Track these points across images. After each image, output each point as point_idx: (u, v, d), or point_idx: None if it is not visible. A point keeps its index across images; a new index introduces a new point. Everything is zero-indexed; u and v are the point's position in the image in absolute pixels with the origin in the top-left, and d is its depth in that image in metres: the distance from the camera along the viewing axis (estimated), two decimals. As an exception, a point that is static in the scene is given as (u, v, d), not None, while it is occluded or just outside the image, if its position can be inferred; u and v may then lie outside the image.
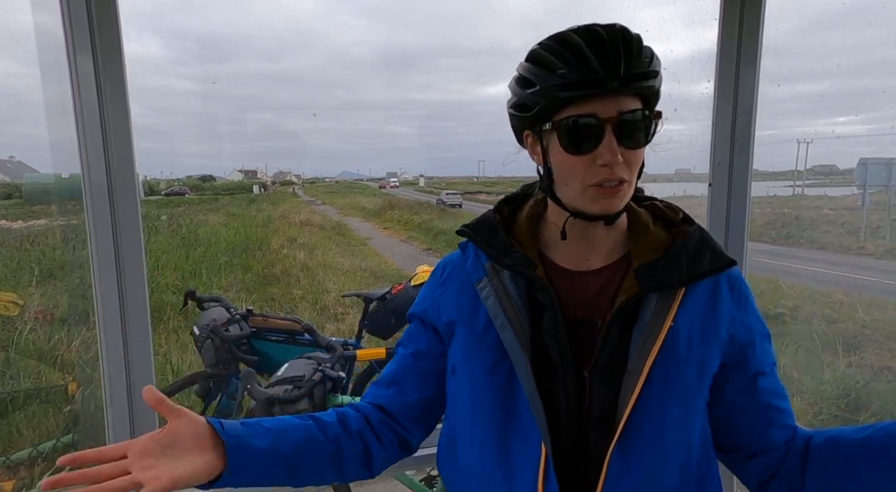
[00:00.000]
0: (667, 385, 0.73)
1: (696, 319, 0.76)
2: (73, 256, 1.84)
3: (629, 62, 0.70)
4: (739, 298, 0.79)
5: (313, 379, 1.95)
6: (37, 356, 3.42)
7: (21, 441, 2.49)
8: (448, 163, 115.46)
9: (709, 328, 0.76)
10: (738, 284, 0.80)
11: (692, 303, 0.76)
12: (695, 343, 0.75)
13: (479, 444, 0.78)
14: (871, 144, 22.85)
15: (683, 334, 0.74)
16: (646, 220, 0.82)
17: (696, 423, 0.75)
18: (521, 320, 0.76)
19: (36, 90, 1.13)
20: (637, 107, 0.72)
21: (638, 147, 0.74)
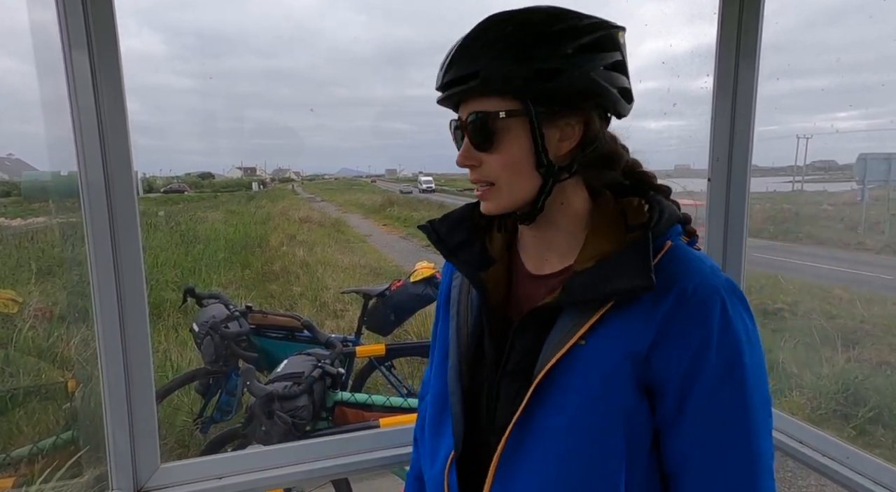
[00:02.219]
0: (560, 402, 0.67)
1: (614, 341, 0.65)
2: (71, 254, 1.84)
3: (450, 67, 0.68)
4: (682, 319, 0.63)
5: (313, 376, 1.95)
6: (36, 354, 3.43)
7: (21, 438, 2.49)
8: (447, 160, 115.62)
9: (627, 352, 0.64)
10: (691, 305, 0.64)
11: (617, 322, 0.65)
12: (604, 366, 0.65)
13: (428, 419, 0.85)
14: (871, 140, 22.85)
15: (592, 354, 0.65)
16: (605, 221, 0.72)
17: (608, 461, 0.65)
18: (468, 316, 0.78)
19: (32, 87, 1.12)
20: (484, 109, 0.67)
21: (491, 150, 0.69)
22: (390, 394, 2.73)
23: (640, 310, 0.65)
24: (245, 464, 1.19)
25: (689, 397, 0.64)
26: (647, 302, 0.64)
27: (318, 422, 2.08)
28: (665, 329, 0.63)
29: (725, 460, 0.64)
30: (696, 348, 0.63)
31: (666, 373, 0.64)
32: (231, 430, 2.34)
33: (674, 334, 0.63)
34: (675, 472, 0.67)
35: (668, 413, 0.65)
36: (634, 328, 0.64)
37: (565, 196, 0.72)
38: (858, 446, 1.15)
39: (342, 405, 2.13)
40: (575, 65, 0.65)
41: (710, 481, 0.65)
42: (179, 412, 3.37)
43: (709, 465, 0.65)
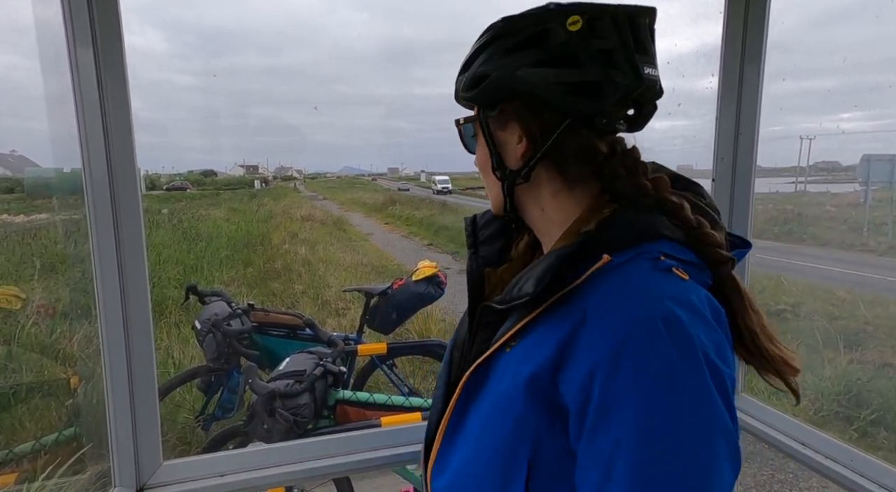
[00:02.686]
0: (473, 410, 0.67)
1: (524, 353, 0.62)
2: (74, 251, 1.86)
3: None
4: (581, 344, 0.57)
5: (314, 374, 1.95)
6: (39, 350, 3.44)
7: (24, 434, 2.50)
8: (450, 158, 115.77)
9: (526, 368, 0.60)
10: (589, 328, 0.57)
11: (535, 336, 0.62)
12: (508, 379, 0.62)
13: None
14: (876, 141, 22.75)
15: (507, 363, 0.64)
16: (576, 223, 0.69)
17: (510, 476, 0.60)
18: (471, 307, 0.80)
19: (37, 84, 1.12)
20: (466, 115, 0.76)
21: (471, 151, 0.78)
22: (392, 393, 2.74)
23: (552, 325, 0.60)
24: (247, 462, 1.19)
25: (580, 436, 0.56)
26: (560, 318, 0.60)
27: (319, 420, 2.09)
28: (564, 351, 0.58)
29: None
30: (584, 380, 0.55)
31: (567, 399, 0.57)
32: (233, 427, 2.34)
33: (571, 359, 0.57)
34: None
35: (572, 440, 0.58)
36: (543, 343, 0.60)
37: (543, 202, 0.71)
38: (861, 447, 1.14)
39: (344, 404, 2.13)
40: (500, 66, 0.66)
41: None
42: (181, 410, 3.38)
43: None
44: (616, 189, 0.67)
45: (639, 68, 0.63)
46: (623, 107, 0.68)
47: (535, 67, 0.64)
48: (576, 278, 0.60)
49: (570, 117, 0.66)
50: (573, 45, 0.63)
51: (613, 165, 0.67)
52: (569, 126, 0.66)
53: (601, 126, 0.67)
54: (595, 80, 0.63)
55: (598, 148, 0.67)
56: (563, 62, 0.64)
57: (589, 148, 0.67)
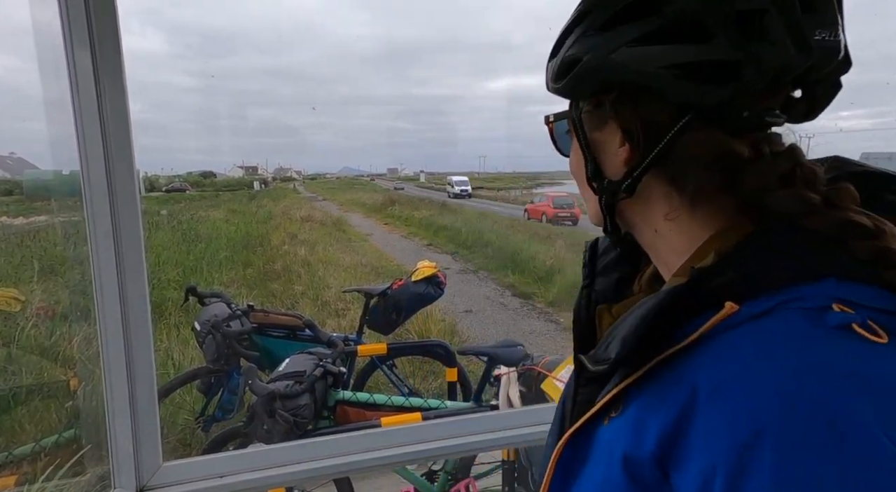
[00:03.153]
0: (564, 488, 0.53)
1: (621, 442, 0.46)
2: (73, 253, 1.85)
3: None
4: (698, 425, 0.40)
5: (314, 375, 1.95)
6: (38, 352, 3.44)
7: (23, 436, 2.49)
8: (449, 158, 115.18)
9: (630, 465, 0.44)
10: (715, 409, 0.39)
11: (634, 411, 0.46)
12: (609, 474, 0.46)
13: None
14: (875, 139, 22.73)
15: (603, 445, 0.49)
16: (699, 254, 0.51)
17: None
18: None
19: (35, 86, 1.12)
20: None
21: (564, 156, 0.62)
22: (392, 393, 2.74)
23: (654, 397, 0.44)
24: (247, 463, 1.19)
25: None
26: (664, 389, 0.44)
27: (319, 421, 2.09)
28: (674, 437, 0.41)
29: None
30: (703, 482, 0.38)
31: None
32: (233, 429, 2.34)
33: (684, 449, 0.40)
34: None
35: None
36: (644, 420, 0.44)
37: (655, 222, 0.54)
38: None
39: (344, 404, 2.13)
40: (592, 47, 0.50)
41: None
42: (181, 411, 3.38)
43: None
44: (765, 206, 0.47)
45: (804, 35, 0.44)
46: (777, 91, 0.49)
47: (637, 46, 0.48)
48: (685, 335, 0.43)
49: (692, 111, 0.48)
50: (695, 9, 0.46)
51: (759, 172, 0.47)
52: (688, 123, 0.48)
53: (740, 121, 0.48)
54: (729, 59, 0.45)
55: (733, 151, 0.48)
56: (680, 36, 0.46)
57: (719, 152, 0.48)
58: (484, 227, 14.63)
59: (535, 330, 6.38)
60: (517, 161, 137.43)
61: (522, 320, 6.82)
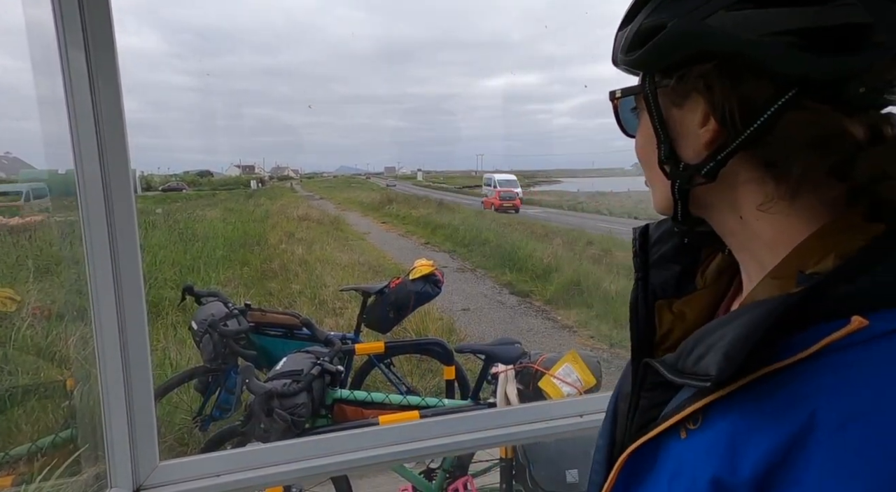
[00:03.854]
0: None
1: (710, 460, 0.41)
2: (69, 252, 1.84)
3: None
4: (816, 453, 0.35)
5: (312, 373, 1.95)
6: (34, 352, 3.42)
7: (20, 437, 2.49)
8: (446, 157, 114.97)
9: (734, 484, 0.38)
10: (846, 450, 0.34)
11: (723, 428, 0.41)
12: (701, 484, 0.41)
13: None
14: (869, 136, 22.89)
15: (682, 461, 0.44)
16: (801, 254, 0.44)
17: None
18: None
19: (29, 85, 1.12)
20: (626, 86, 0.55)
21: (630, 135, 0.57)
22: (389, 391, 2.74)
23: (755, 417, 0.39)
24: (244, 462, 1.19)
25: None
26: (769, 408, 0.39)
27: (317, 419, 2.09)
28: (780, 465, 0.36)
29: None
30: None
31: None
32: (230, 428, 2.34)
33: (792, 479, 0.36)
34: None
35: None
36: (740, 441, 0.39)
37: (741, 207, 0.47)
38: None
39: (341, 403, 2.13)
40: (680, 12, 0.44)
41: None
42: (178, 410, 3.38)
43: None
44: (882, 199, 0.41)
45: None
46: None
47: (739, 9, 0.41)
48: (794, 349, 0.38)
49: (797, 86, 0.41)
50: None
51: (878, 157, 0.41)
52: (792, 99, 0.42)
53: (856, 98, 0.42)
54: (854, 22, 0.39)
55: (847, 132, 0.42)
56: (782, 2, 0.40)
57: (830, 133, 0.42)
58: (481, 225, 14.64)
59: (532, 328, 6.39)
60: (515, 160, 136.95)
61: (520, 318, 6.83)
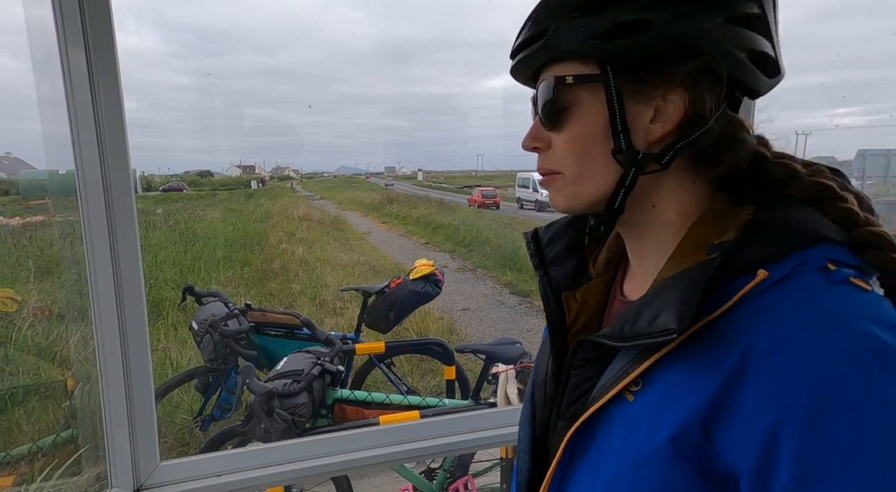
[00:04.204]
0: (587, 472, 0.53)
1: (664, 414, 0.47)
2: (70, 252, 1.84)
3: (521, 30, 0.56)
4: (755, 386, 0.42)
5: (312, 373, 1.95)
6: (35, 352, 3.42)
7: (21, 437, 2.49)
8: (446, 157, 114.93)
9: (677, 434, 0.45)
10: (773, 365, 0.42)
11: (671, 383, 0.47)
12: (651, 446, 0.47)
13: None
14: (870, 136, 22.90)
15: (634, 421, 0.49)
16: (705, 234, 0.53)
17: None
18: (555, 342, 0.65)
19: (29, 85, 1.12)
20: (556, 73, 0.54)
21: (555, 129, 0.55)
22: (390, 391, 2.74)
23: (693, 366, 0.46)
24: (245, 461, 1.19)
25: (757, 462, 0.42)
26: (704, 357, 0.46)
27: (317, 419, 2.09)
28: (722, 402, 0.44)
29: None
30: (767, 436, 0.41)
31: (733, 461, 0.44)
32: (231, 427, 2.34)
33: (736, 412, 0.43)
34: None
35: None
36: (686, 391, 0.46)
37: (656, 196, 0.55)
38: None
39: (342, 403, 2.13)
40: (675, 13, 0.48)
41: None
42: (179, 410, 3.38)
43: None
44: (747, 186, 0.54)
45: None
46: None
47: (728, 24, 0.49)
48: (720, 302, 0.46)
49: (735, 94, 0.55)
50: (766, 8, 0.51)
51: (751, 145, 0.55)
52: (729, 105, 0.54)
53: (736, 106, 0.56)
54: (772, 53, 0.52)
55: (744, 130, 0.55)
56: (757, 27, 0.51)
57: (737, 137, 0.54)
58: (481, 225, 14.64)
59: (532, 328, 6.39)
60: (514, 160, 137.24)
61: (520, 318, 6.83)
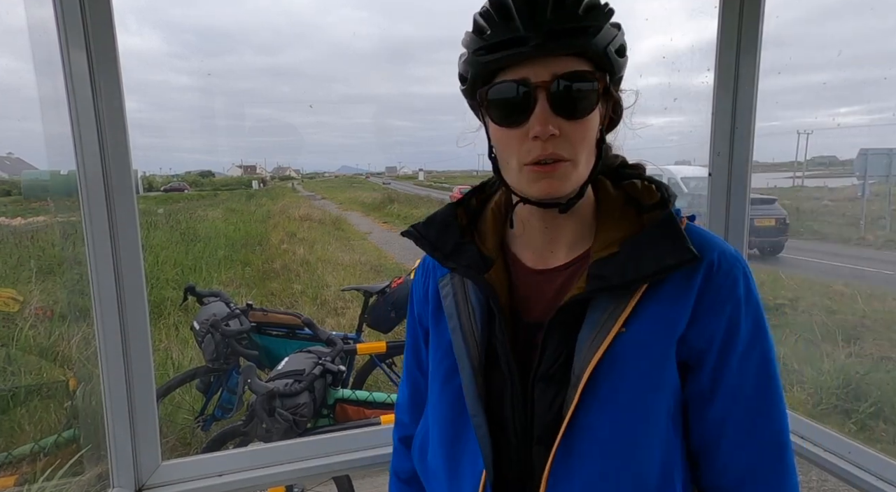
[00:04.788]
0: (612, 398, 0.63)
1: (657, 323, 0.64)
2: (71, 253, 1.85)
3: (556, 15, 0.60)
4: (713, 292, 0.64)
5: (314, 373, 1.95)
6: (37, 352, 3.43)
7: (23, 437, 2.49)
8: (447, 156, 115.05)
9: (670, 332, 0.64)
10: (718, 279, 0.64)
11: (654, 304, 0.64)
12: (652, 352, 0.64)
13: (437, 447, 0.76)
14: (872, 135, 22.79)
15: (636, 341, 0.63)
16: (614, 205, 0.71)
17: (654, 443, 0.64)
18: (473, 325, 0.70)
19: (31, 85, 1.12)
20: (581, 68, 0.62)
21: (580, 118, 0.63)
22: (391, 391, 2.73)
23: (674, 289, 0.64)
24: (246, 461, 1.19)
25: (723, 367, 0.65)
26: (679, 280, 0.64)
27: (319, 419, 2.09)
28: (699, 304, 0.64)
29: (758, 422, 0.66)
30: (729, 320, 0.64)
31: (702, 348, 0.65)
32: (232, 427, 2.34)
33: (707, 309, 0.64)
34: (708, 442, 0.68)
35: (703, 387, 0.66)
36: (672, 308, 0.64)
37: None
38: (859, 440, 1.15)
39: (343, 403, 2.13)
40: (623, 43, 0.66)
41: (747, 443, 0.66)
42: (181, 410, 3.38)
43: (744, 428, 0.66)
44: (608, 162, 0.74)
45: None
46: None
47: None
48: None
49: None
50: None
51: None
52: None
53: None
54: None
55: None
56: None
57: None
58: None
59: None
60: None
61: (522, 318, 6.80)
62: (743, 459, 0.66)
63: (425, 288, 0.81)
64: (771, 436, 0.66)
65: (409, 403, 0.90)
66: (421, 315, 0.84)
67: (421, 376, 0.86)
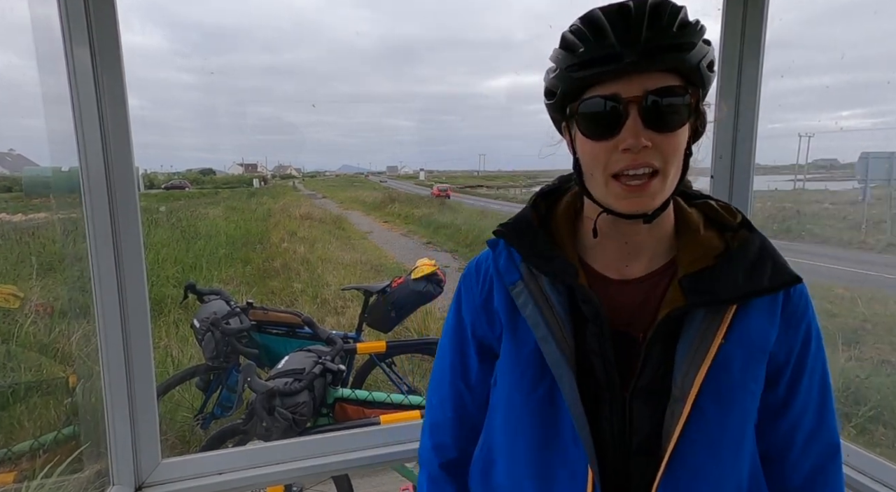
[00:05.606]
0: (720, 410, 0.66)
1: (752, 338, 0.67)
2: (72, 249, 1.85)
3: (652, 33, 0.61)
4: (793, 308, 0.70)
5: (313, 372, 1.95)
6: (37, 349, 3.43)
7: (22, 433, 2.49)
8: (449, 156, 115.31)
9: (764, 346, 0.68)
10: (795, 297, 0.70)
11: (747, 319, 0.67)
12: (751, 364, 0.67)
13: (517, 465, 0.74)
14: (875, 139, 22.73)
15: (737, 354, 0.66)
16: (696, 222, 0.73)
17: (747, 452, 0.70)
18: (563, 332, 0.69)
19: (34, 82, 1.12)
20: (672, 84, 0.63)
21: (671, 131, 0.64)
22: (391, 391, 2.73)
23: (763, 304, 0.68)
24: (245, 460, 1.19)
25: (798, 381, 0.71)
26: (767, 298, 0.68)
27: (318, 418, 2.09)
28: (783, 321, 0.69)
29: (821, 429, 0.72)
30: (805, 336, 0.70)
31: (781, 361, 0.70)
32: (232, 426, 2.34)
33: (789, 325, 0.69)
34: (779, 448, 0.72)
35: (778, 399, 0.71)
36: (763, 324, 0.68)
37: None
38: (859, 444, 1.14)
39: (343, 402, 2.13)
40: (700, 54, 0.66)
41: (812, 449, 0.72)
42: (180, 408, 3.38)
43: (810, 436, 0.72)
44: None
45: None
46: None
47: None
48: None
49: None
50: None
51: None
52: None
53: None
54: None
55: None
56: None
57: None
58: (484, 225, 14.62)
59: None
60: (517, 160, 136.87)
61: (521, 319, 6.80)
62: (808, 463, 0.72)
63: (485, 296, 0.79)
64: (829, 440, 0.73)
65: (454, 423, 0.84)
66: (476, 325, 0.80)
67: (468, 392, 0.83)
